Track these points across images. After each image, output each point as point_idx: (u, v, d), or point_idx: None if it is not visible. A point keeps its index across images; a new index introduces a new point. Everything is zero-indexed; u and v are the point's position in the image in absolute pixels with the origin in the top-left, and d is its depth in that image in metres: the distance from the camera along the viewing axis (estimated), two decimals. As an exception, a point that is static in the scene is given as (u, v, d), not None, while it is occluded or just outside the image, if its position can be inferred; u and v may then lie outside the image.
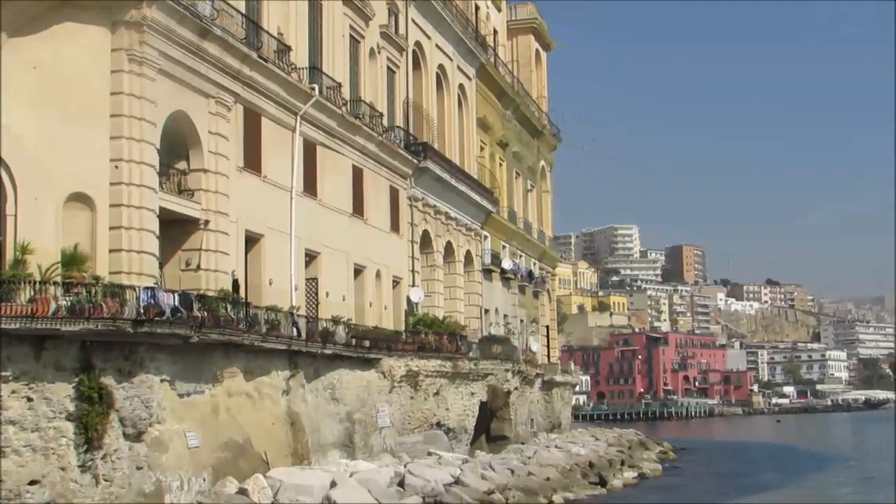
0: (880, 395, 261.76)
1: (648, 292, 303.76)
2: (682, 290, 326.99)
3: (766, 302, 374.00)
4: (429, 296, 53.65)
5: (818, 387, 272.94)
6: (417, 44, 55.81)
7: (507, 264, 67.94)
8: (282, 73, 37.92)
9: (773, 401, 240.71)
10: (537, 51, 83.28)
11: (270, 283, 37.03)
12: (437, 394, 45.95)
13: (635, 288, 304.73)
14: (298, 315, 36.42)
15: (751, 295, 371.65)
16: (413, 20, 54.89)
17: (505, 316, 68.49)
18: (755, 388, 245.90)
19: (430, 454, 41.35)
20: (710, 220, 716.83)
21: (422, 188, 53.17)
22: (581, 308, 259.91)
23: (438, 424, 45.95)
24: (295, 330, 35.30)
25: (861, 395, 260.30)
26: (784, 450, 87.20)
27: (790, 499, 48.34)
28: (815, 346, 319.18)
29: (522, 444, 54.70)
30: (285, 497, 29.46)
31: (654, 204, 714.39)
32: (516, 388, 57.24)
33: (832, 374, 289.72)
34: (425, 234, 54.13)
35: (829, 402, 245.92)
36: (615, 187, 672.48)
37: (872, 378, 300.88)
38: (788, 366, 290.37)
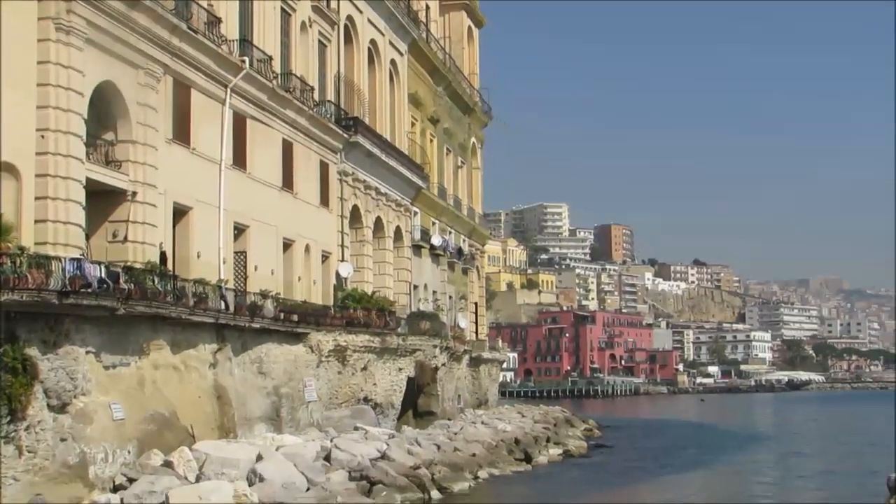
0: (803, 376, 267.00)
1: (577, 271, 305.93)
2: (610, 270, 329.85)
3: (692, 282, 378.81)
4: (358, 271, 53.69)
5: (742, 367, 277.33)
6: (349, 18, 55.60)
7: (436, 241, 68.13)
8: (211, 45, 37.64)
9: (698, 380, 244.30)
10: (469, 27, 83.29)
11: (198, 256, 36.87)
12: (364, 369, 46.06)
13: (564, 266, 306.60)
14: (226, 288, 36.32)
15: (678, 275, 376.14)
16: (346, -6, 54.72)
17: (434, 292, 68.72)
18: (680, 367, 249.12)
19: (356, 429, 41.45)
20: (640, 199, 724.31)
21: (352, 163, 53.10)
22: (510, 286, 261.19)
23: (366, 399, 46.08)
24: (223, 303, 35.20)
25: (784, 375, 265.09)
26: (707, 428, 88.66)
27: (712, 475, 49.30)
28: (740, 326, 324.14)
29: (449, 419, 55.03)
30: (211, 470, 29.41)
31: (584, 183, 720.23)
32: (444, 365, 57.50)
33: (756, 355, 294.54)
34: (355, 209, 54.09)
35: (753, 383, 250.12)
36: (546, 166, 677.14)
37: (795, 359, 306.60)
38: (713, 346, 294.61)
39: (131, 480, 27.82)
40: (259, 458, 31.21)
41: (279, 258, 44.42)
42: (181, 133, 36.18)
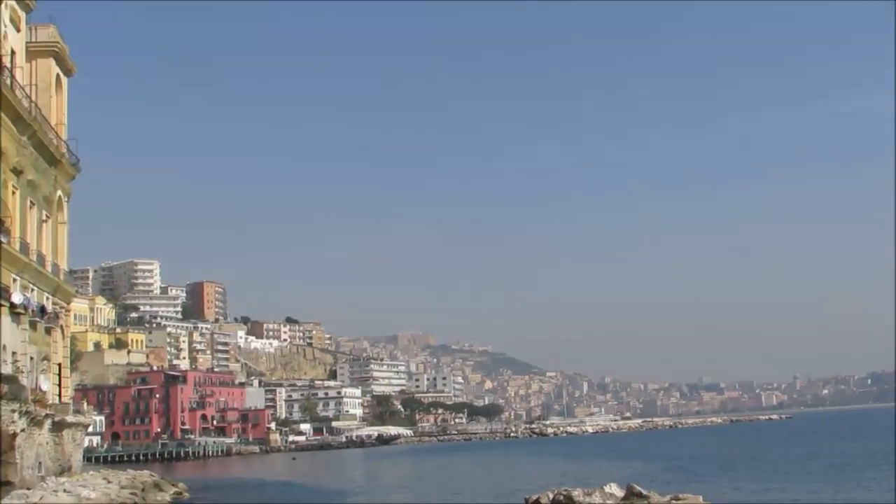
0: (392, 430, 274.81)
1: (168, 329, 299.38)
2: (202, 328, 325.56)
3: (285, 340, 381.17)
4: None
5: (334, 423, 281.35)
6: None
7: (17, 298, 64.09)
8: None
9: (290, 438, 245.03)
10: (58, 75, 79.75)
11: None
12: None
13: (155, 325, 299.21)
14: None
15: (271, 333, 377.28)
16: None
17: (14, 353, 64.53)
18: (273, 425, 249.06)
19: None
20: (231, 255, 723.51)
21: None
22: (97, 345, 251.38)
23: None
24: None
25: (374, 430, 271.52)
26: (296, 487, 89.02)
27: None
28: (331, 383, 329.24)
29: (28, 489, 51.71)
30: None
31: (176, 238, 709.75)
32: (23, 430, 53.99)
33: (347, 411, 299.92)
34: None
35: (344, 439, 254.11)
36: (137, 221, 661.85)
37: (385, 414, 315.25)
38: (306, 403, 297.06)
39: None
40: None
41: None
42: None
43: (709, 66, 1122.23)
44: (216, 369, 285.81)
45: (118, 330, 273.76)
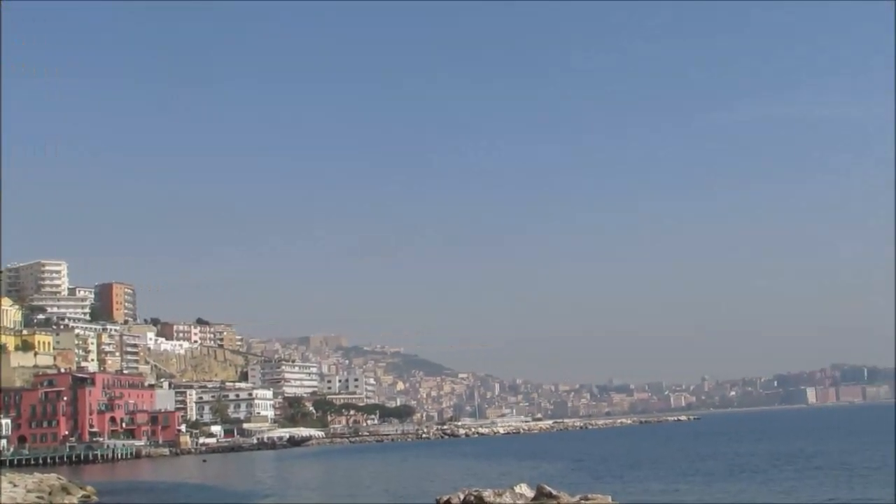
0: (304, 432, 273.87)
1: (77, 331, 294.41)
2: (111, 330, 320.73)
3: (196, 342, 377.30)
4: None
5: (245, 425, 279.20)
6: None
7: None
8: None
9: (201, 440, 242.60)
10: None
11: None
12: None
13: (63, 327, 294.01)
14: None
15: (181, 334, 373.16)
16: None
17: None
18: (183, 428, 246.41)
19: None
20: (143, 256, 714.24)
21: None
22: (3, 347, 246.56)
23: None
24: None
25: (286, 432, 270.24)
26: (207, 489, 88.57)
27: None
28: (242, 385, 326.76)
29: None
30: None
31: (84, 239, 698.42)
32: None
33: (259, 413, 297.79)
34: None
35: (256, 441, 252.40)
36: (44, 221, 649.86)
37: (297, 415, 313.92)
38: (216, 405, 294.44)
39: None
40: None
41: None
42: None
43: (708, 63, 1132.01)
44: (125, 371, 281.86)
45: (25, 332, 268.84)
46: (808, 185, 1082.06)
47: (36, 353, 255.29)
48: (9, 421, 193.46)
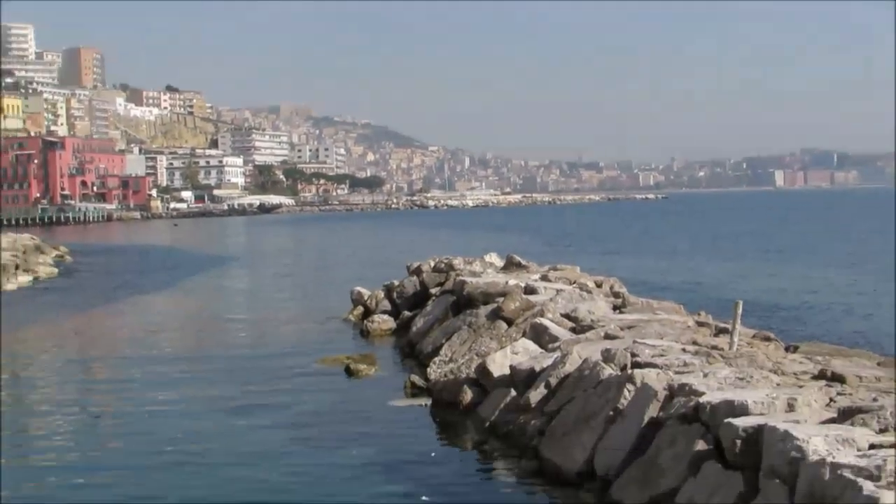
0: (274, 200, 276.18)
1: (45, 96, 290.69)
2: (80, 95, 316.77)
3: (165, 108, 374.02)
4: None
5: (216, 192, 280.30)
6: None
7: None
8: None
9: (172, 205, 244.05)
10: None
11: None
12: None
13: (31, 91, 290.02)
14: None
15: (150, 101, 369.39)
16: None
17: None
18: (154, 193, 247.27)
19: None
20: (111, 18, 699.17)
21: None
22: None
23: None
24: None
25: (256, 199, 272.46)
26: (178, 251, 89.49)
27: (182, 293, 49.92)
28: (213, 152, 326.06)
29: None
30: None
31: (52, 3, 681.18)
32: None
33: (229, 180, 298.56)
34: None
35: (226, 207, 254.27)
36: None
37: (267, 184, 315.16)
38: (187, 171, 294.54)
39: None
40: None
41: None
42: None
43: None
44: (95, 136, 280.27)
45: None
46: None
47: (5, 117, 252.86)
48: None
